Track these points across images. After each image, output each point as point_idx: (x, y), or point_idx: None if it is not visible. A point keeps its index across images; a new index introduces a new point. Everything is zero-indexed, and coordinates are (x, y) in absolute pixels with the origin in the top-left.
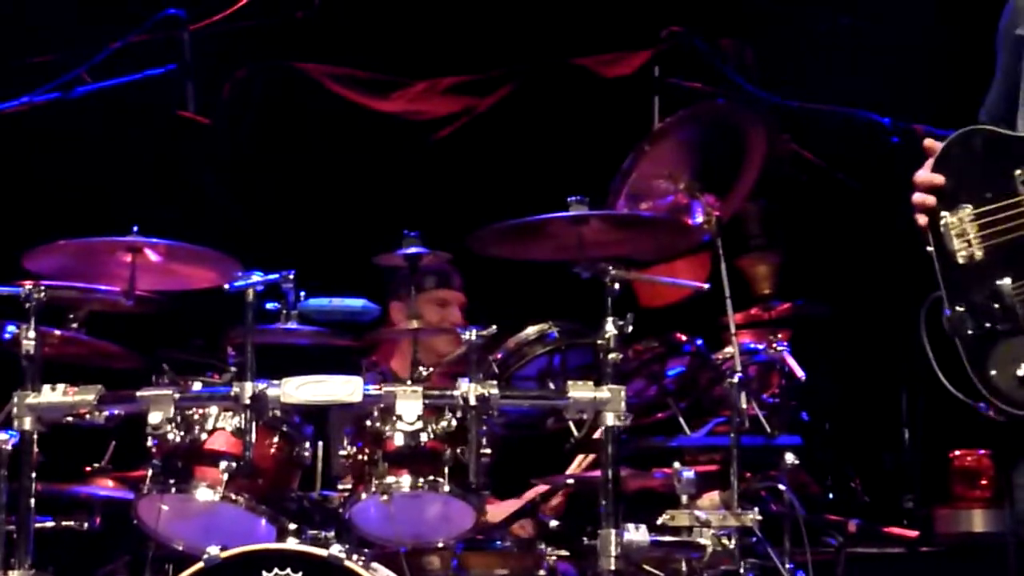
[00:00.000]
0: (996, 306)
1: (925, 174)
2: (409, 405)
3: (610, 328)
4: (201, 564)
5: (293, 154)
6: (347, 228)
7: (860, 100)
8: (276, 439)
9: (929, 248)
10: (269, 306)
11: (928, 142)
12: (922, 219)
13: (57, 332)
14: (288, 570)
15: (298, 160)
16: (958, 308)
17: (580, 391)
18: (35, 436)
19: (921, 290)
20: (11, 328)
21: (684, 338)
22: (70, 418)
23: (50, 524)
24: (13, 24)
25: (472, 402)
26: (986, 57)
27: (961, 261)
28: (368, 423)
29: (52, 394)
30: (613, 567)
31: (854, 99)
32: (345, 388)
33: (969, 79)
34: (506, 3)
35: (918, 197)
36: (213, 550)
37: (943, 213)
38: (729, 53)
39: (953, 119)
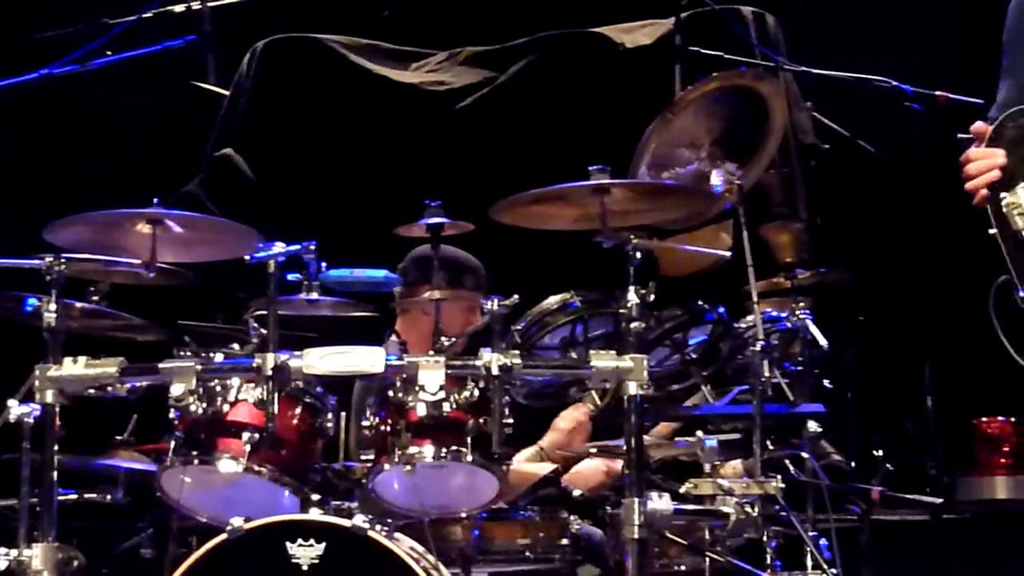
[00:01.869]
0: None
1: (983, 152)
2: (431, 375)
3: (632, 297)
4: (225, 535)
5: (313, 125)
6: (369, 199)
7: (882, 67)
8: (299, 410)
9: (992, 230)
10: (291, 277)
11: (977, 125)
12: (981, 199)
13: (79, 305)
14: (311, 541)
15: (319, 131)
16: None
17: (602, 360)
18: (57, 409)
19: (942, 259)
20: (33, 301)
21: (706, 306)
22: (92, 391)
23: (73, 497)
24: None
25: (495, 372)
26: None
27: None
28: (391, 393)
29: (74, 367)
30: (637, 536)
31: (876, 66)
32: (368, 359)
33: (991, 46)
34: None
35: (980, 177)
36: (236, 521)
37: (1002, 194)
38: (751, 21)
39: (975, 86)
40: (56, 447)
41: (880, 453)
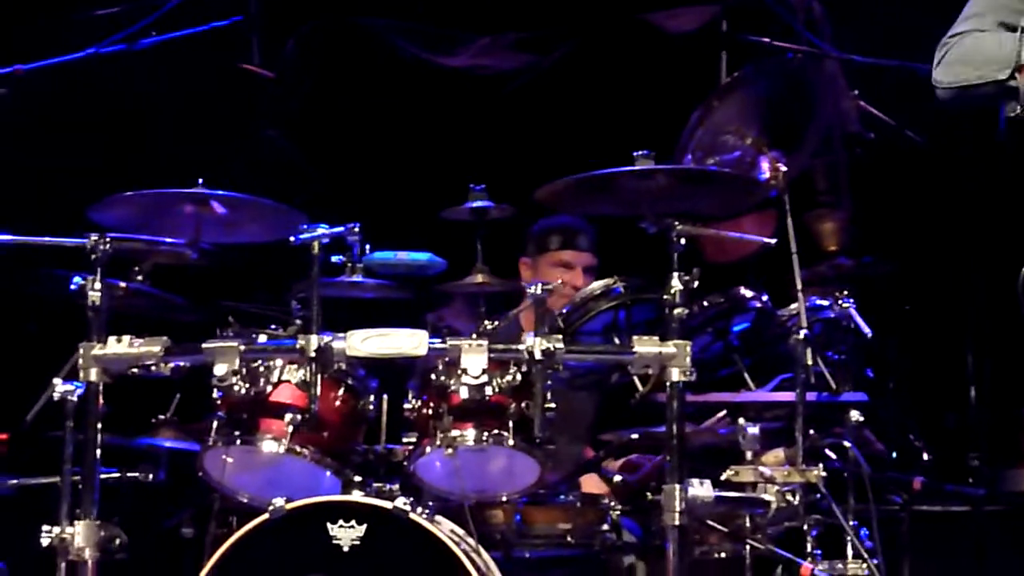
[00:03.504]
0: None
1: None
2: (474, 359)
3: (676, 283)
4: (266, 516)
5: (358, 108)
6: (413, 181)
7: (929, 56)
8: (341, 392)
9: None
10: (334, 259)
11: None
12: None
13: (123, 284)
14: (353, 522)
15: (363, 114)
16: None
17: (645, 346)
18: (100, 388)
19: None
20: (77, 280)
21: (750, 294)
22: (135, 370)
23: (115, 476)
24: None
25: (537, 356)
26: None
27: None
28: (433, 377)
29: (118, 346)
30: (677, 522)
31: (923, 54)
32: (410, 341)
33: None
34: None
35: None
36: (278, 502)
37: None
38: (797, 7)
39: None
40: (99, 426)
41: (922, 443)
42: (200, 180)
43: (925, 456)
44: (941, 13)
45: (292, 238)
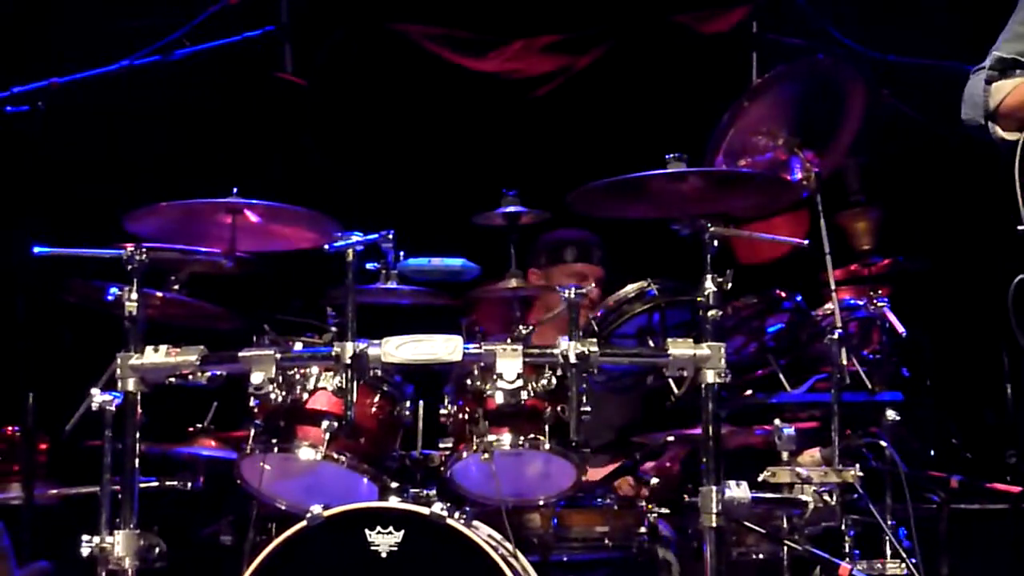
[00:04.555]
0: None
1: None
2: (509, 363)
3: (709, 285)
4: (304, 523)
5: (391, 115)
6: (446, 187)
7: (959, 53)
8: (377, 398)
9: None
10: (369, 266)
11: None
12: None
13: (159, 294)
14: (390, 528)
15: (396, 120)
16: None
17: (680, 348)
18: (138, 397)
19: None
20: (114, 290)
21: (784, 295)
22: (173, 379)
23: (154, 484)
24: None
25: (572, 360)
26: None
27: None
28: (469, 382)
29: (155, 355)
30: (714, 524)
31: (953, 52)
32: (445, 347)
33: None
34: None
35: None
36: (316, 509)
37: None
38: (828, 8)
39: None
40: (137, 435)
41: (959, 441)
42: (235, 189)
43: (963, 454)
44: (973, 11)
45: (327, 246)
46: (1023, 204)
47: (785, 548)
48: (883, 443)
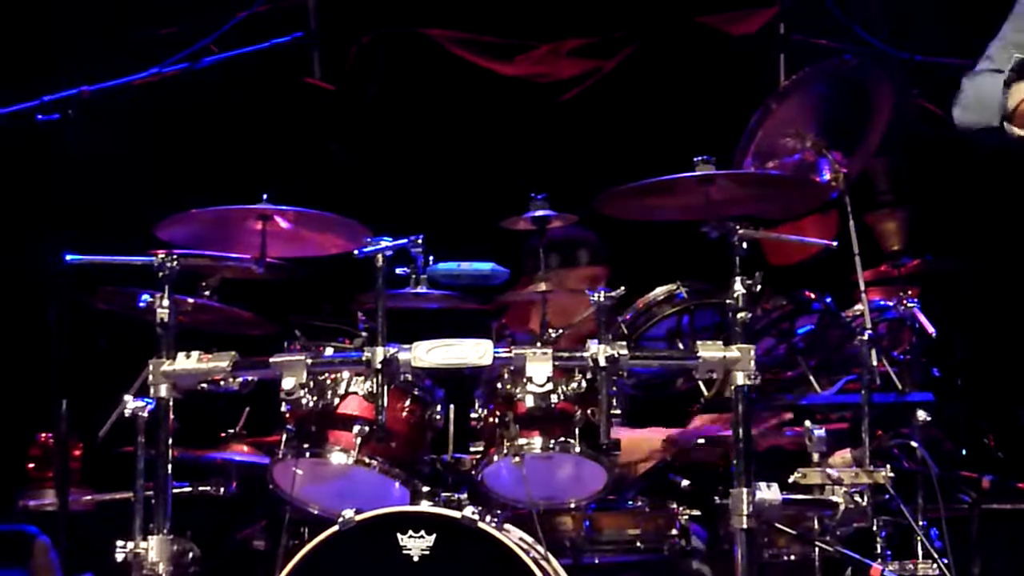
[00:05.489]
0: None
1: None
2: (539, 367)
3: (739, 287)
4: (336, 527)
5: (419, 119)
6: (474, 192)
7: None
8: (408, 403)
9: None
10: (398, 271)
11: None
12: None
13: (190, 300)
14: (422, 532)
15: (424, 125)
16: None
17: (709, 351)
18: (171, 403)
19: None
20: (146, 297)
21: (813, 296)
22: (205, 385)
23: (187, 490)
24: None
25: (601, 363)
26: None
27: None
28: (499, 385)
29: (187, 361)
30: (745, 526)
31: (981, 52)
32: (476, 351)
33: None
34: None
35: None
36: (348, 513)
37: None
38: (855, 8)
39: None
40: (170, 441)
41: (991, 441)
42: (264, 195)
43: (995, 454)
44: (1001, 10)
45: (357, 251)
46: None
47: (816, 549)
48: (914, 444)
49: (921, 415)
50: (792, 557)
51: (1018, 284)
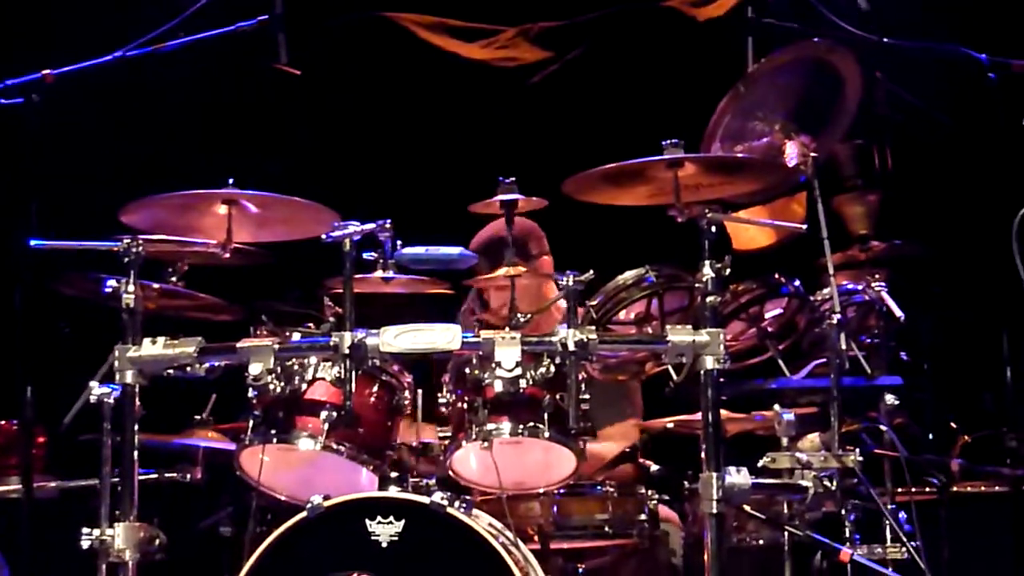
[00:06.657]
0: None
1: None
2: (508, 352)
3: (707, 271)
4: (304, 514)
5: (386, 104)
6: (442, 176)
7: (957, 37)
8: (376, 388)
9: None
10: (366, 255)
11: None
12: None
13: (156, 286)
14: (391, 518)
15: (391, 109)
16: None
17: (679, 335)
18: (137, 389)
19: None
20: (111, 283)
21: (782, 280)
22: (171, 371)
23: (153, 476)
24: None
25: (570, 348)
26: None
27: None
28: (467, 370)
29: (153, 347)
30: (715, 510)
31: (951, 36)
32: (444, 336)
33: None
34: None
35: None
36: (316, 499)
37: None
38: None
39: None
40: (136, 427)
41: (959, 425)
42: (230, 180)
43: (967, 438)
44: None
45: (324, 235)
46: None
47: (786, 533)
48: (883, 428)
49: (889, 399)
50: (761, 541)
51: (985, 268)
